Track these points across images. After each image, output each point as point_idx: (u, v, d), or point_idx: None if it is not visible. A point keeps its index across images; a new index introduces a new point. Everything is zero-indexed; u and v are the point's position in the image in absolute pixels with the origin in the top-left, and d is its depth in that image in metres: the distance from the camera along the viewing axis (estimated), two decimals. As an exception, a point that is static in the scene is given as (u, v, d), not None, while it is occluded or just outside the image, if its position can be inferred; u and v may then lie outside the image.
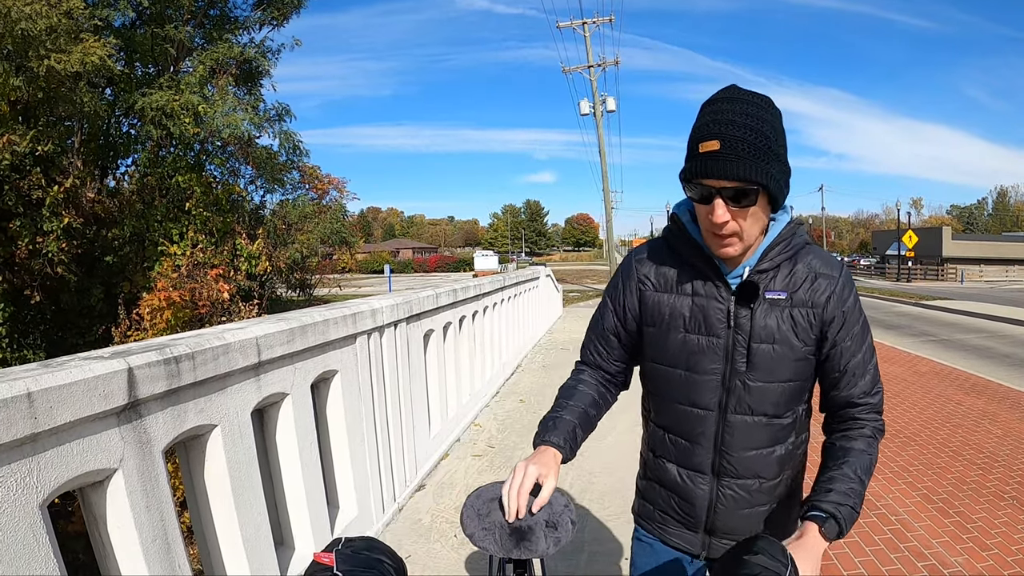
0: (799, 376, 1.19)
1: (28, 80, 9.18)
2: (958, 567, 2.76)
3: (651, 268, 1.26)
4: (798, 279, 1.16)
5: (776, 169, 1.05)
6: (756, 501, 1.25)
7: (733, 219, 1.05)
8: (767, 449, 1.22)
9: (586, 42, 24.01)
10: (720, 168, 1.01)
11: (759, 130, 1.02)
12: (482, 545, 1.44)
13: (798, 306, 1.15)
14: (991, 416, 5.29)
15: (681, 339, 1.21)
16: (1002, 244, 47.27)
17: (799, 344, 1.16)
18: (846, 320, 1.16)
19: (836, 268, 1.18)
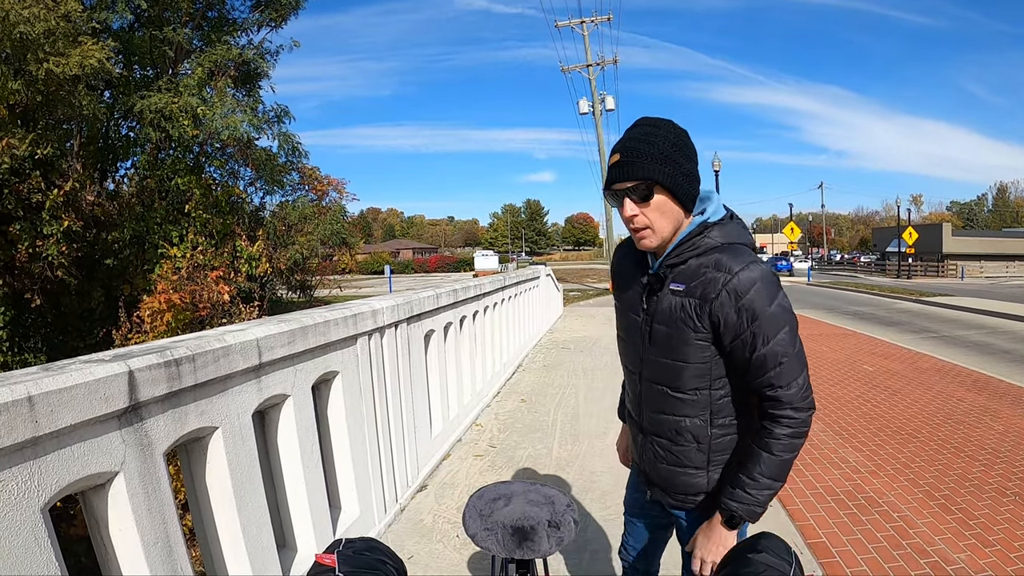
0: (695, 359, 1.35)
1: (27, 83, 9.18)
2: (960, 564, 2.76)
3: (619, 261, 1.57)
4: (698, 274, 1.32)
5: (670, 170, 1.28)
6: (672, 461, 1.47)
7: (641, 213, 1.30)
8: (675, 417, 1.43)
9: (585, 41, 24.00)
10: (622, 173, 1.29)
11: (652, 142, 1.28)
12: (485, 545, 1.44)
13: (691, 297, 1.32)
14: (992, 412, 5.28)
15: (623, 316, 1.52)
16: (1002, 240, 47.25)
17: (689, 330, 1.33)
18: (742, 314, 1.28)
19: (738, 266, 1.29)
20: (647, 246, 1.35)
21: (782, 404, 1.30)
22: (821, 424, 5.04)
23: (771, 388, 1.31)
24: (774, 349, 1.29)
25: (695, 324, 1.32)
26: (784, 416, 1.30)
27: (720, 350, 1.34)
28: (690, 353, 1.35)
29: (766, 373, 1.30)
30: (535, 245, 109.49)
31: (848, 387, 6.39)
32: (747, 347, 1.30)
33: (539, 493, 1.57)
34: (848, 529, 3.15)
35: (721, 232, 1.35)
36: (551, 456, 4.42)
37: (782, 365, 1.30)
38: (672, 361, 1.38)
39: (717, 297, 1.28)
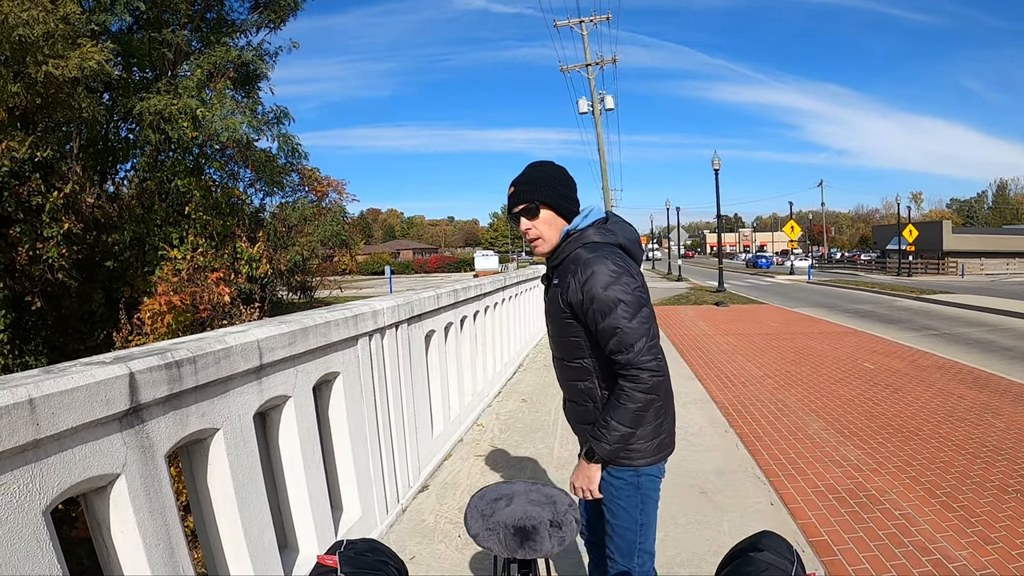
0: (570, 334, 1.75)
1: (26, 86, 9.18)
2: (962, 561, 2.76)
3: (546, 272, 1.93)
4: (564, 269, 1.73)
5: (548, 193, 1.73)
6: (580, 418, 1.84)
7: (533, 227, 1.75)
8: (572, 382, 1.82)
9: (584, 40, 23.99)
10: (517, 199, 1.74)
11: (535, 176, 1.76)
12: (487, 545, 1.44)
13: (558, 287, 1.74)
14: (994, 410, 5.28)
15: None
16: (1002, 237, 47.25)
17: (559, 312, 1.75)
18: (583, 299, 1.65)
19: (582, 261, 1.67)
20: (541, 252, 1.79)
21: (621, 365, 1.63)
22: (822, 422, 5.04)
23: (615, 353, 1.63)
24: (611, 323, 1.62)
25: (561, 307, 1.72)
26: (628, 373, 1.62)
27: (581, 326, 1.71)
28: (566, 329, 1.75)
29: (609, 341, 1.64)
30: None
31: (849, 385, 6.39)
32: (593, 322, 1.66)
33: (541, 493, 1.56)
34: (850, 527, 3.15)
35: (583, 236, 1.73)
36: (552, 456, 4.42)
37: (618, 333, 1.62)
38: (559, 337, 1.79)
39: (570, 286, 1.68)
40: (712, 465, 4.13)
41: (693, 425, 5.07)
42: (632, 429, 1.65)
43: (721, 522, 3.26)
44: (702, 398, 6.00)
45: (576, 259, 1.69)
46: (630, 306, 1.63)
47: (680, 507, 3.45)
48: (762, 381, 6.71)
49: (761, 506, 3.47)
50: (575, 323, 1.71)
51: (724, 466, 4.11)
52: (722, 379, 6.85)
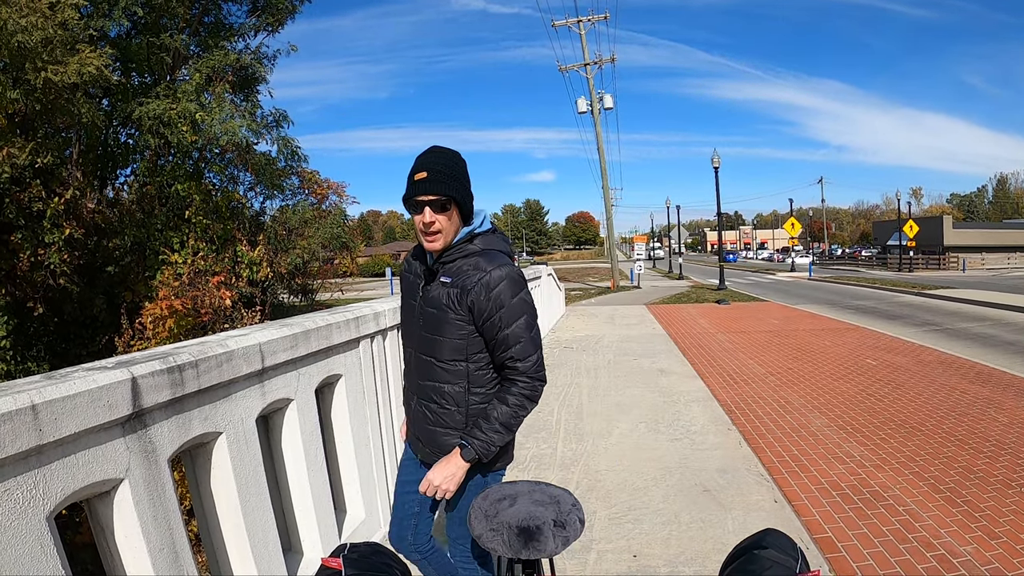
0: (456, 336, 1.70)
1: (26, 92, 9.19)
2: (967, 556, 2.75)
3: (408, 259, 1.93)
4: (462, 271, 1.69)
5: (461, 190, 1.67)
6: (436, 422, 1.79)
7: (437, 221, 1.65)
8: (439, 383, 1.76)
9: (582, 40, 23.99)
10: (429, 187, 1.62)
11: (449, 166, 1.67)
12: (490, 546, 1.44)
13: (455, 288, 1.68)
14: (996, 404, 5.27)
15: (405, 302, 1.90)
16: (1003, 231, 47.23)
17: (452, 313, 1.68)
18: (491, 304, 1.64)
19: (491, 267, 1.66)
20: (435, 248, 1.69)
21: (519, 372, 1.69)
22: (825, 419, 5.03)
23: (512, 360, 1.68)
24: (515, 331, 1.66)
25: (456, 309, 1.68)
26: (520, 381, 1.69)
27: (476, 330, 1.69)
28: (454, 331, 1.70)
29: (509, 349, 1.67)
30: (536, 245, 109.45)
31: (851, 381, 6.39)
32: (495, 328, 1.66)
33: (544, 493, 1.56)
34: (854, 523, 3.15)
35: (483, 241, 1.73)
36: (555, 455, 4.42)
37: (520, 343, 1.67)
38: (437, 337, 1.73)
39: (473, 289, 1.65)
40: (715, 463, 4.13)
41: (696, 424, 5.07)
42: (510, 435, 1.74)
43: (725, 520, 3.26)
44: (704, 396, 6.00)
45: (478, 264, 1.67)
46: (532, 318, 1.71)
47: (684, 505, 3.45)
48: (764, 379, 6.71)
49: (765, 504, 3.47)
50: (466, 326, 1.69)
51: (727, 464, 4.11)
52: (724, 377, 6.84)
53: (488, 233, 1.76)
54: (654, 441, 4.67)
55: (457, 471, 1.70)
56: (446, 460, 1.72)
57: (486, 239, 1.75)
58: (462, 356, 1.72)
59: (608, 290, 23.86)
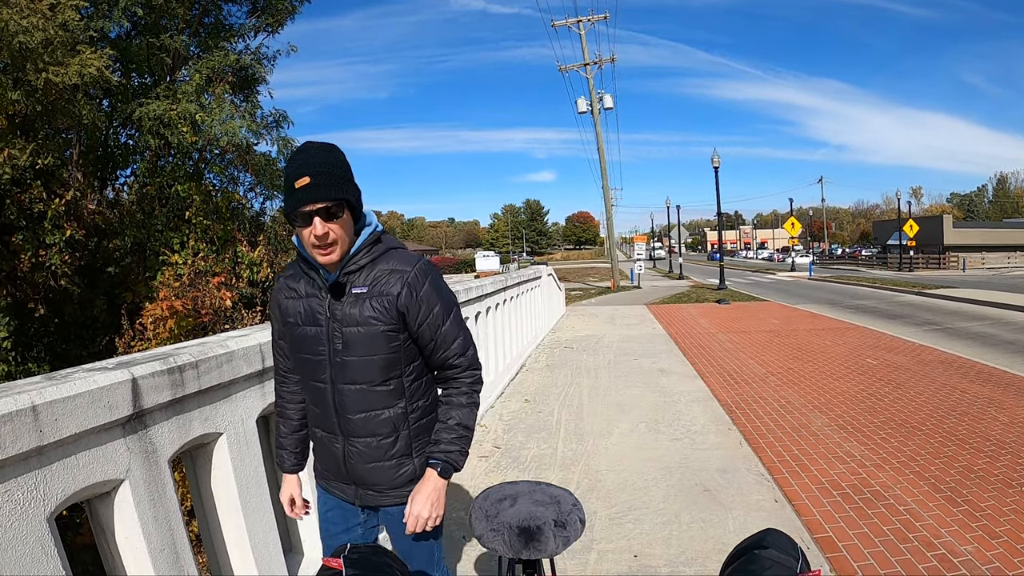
0: (389, 349, 1.51)
1: (26, 93, 9.20)
2: (967, 556, 2.75)
3: (286, 283, 1.63)
4: (378, 276, 1.50)
5: (353, 189, 1.47)
6: (377, 456, 1.57)
7: (333, 231, 1.42)
8: (375, 412, 1.55)
9: (581, 40, 24.00)
10: (317, 194, 1.38)
11: (335, 165, 1.44)
12: (491, 546, 1.44)
13: (376, 296, 1.49)
14: (997, 404, 5.27)
15: (300, 332, 1.57)
16: (1003, 231, 47.21)
17: (382, 325, 1.49)
18: (421, 304, 1.51)
19: (410, 265, 1.52)
20: (332, 260, 1.46)
21: (463, 368, 1.58)
22: (825, 419, 5.03)
23: (455, 357, 1.57)
24: (451, 327, 1.56)
25: (384, 318, 1.49)
26: (465, 377, 1.58)
27: (408, 337, 1.54)
28: (384, 346, 1.51)
29: (449, 347, 1.56)
30: (536, 245, 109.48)
31: (851, 381, 6.38)
32: (432, 328, 1.53)
33: (545, 493, 1.56)
34: (854, 523, 3.14)
35: (386, 239, 1.57)
36: (556, 456, 4.42)
37: (459, 338, 1.58)
38: (366, 357, 1.50)
39: (402, 292, 1.49)
40: (716, 463, 4.13)
41: (696, 423, 5.07)
42: (472, 433, 1.60)
43: (725, 520, 3.26)
44: (705, 396, 6.00)
45: (396, 265, 1.51)
46: (459, 313, 1.63)
47: (684, 505, 3.45)
48: (764, 378, 6.71)
49: (765, 503, 3.46)
50: (398, 335, 1.51)
51: (728, 464, 4.11)
52: (724, 377, 6.84)
53: (384, 231, 1.59)
54: (655, 441, 4.66)
55: (439, 493, 1.53)
56: (421, 487, 1.52)
57: (386, 237, 1.58)
58: (397, 371, 1.54)
59: (608, 290, 23.86)
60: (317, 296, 1.54)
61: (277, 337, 1.69)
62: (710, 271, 38.05)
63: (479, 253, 62.93)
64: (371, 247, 1.52)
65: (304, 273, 1.57)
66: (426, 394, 1.62)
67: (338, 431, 1.58)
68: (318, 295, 1.53)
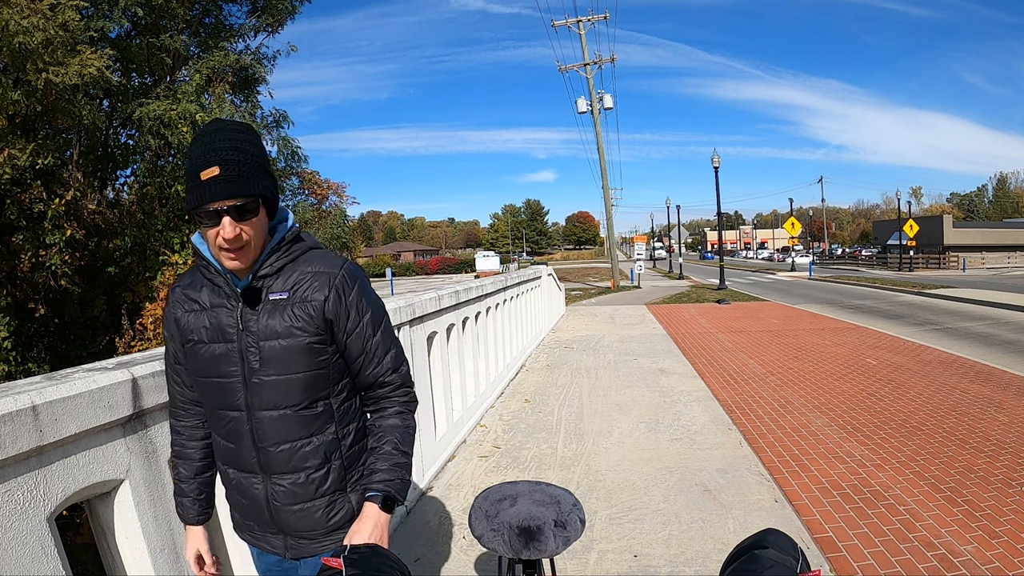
0: (314, 366, 1.29)
1: (27, 93, 9.21)
2: (968, 556, 2.75)
3: (185, 294, 1.35)
4: (299, 279, 1.29)
5: (267, 182, 1.23)
6: (307, 495, 1.32)
7: (245, 231, 1.20)
8: (303, 441, 1.30)
9: (581, 40, 24.00)
10: (224, 190, 1.15)
11: (249, 151, 1.20)
12: (491, 546, 1.44)
13: (299, 303, 1.27)
14: (997, 403, 5.27)
15: (207, 350, 1.30)
16: (1003, 231, 47.20)
17: (307, 337, 1.27)
18: (351, 311, 1.31)
19: (336, 266, 1.31)
20: (239, 267, 1.24)
21: (398, 385, 1.40)
22: (825, 419, 5.03)
23: (388, 373, 1.38)
24: (384, 337, 1.37)
25: (309, 328, 1.27)
26: (402, 393, 1.41)
27: (337, 350, 1.33)
28: (309, 362, 1.29)
29: (382, 360, 1.37)
30: (536, 245, 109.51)
31: (852, 381, 6.38)
32: (363, 338, 1.34)
33: (545, 493, 1.56)
34: (854, 523, 3.15)
35: (306, 238, 1.36)
36: (556, 456, 4.42)
37: (393, 349, 1.39)
38: (289, 375, 1.27)
39: (328, 297, 1.28)
40: (716, 463, 4.13)
41: (696, 423, 5.07)
42: (411, 456, 1.41)
43: (725, 520, 3.26)
44: (705, 396, 6.00)
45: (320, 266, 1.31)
46: (390, 319, 1.44)
47: (684, 505, 3.45)
48: (764, 378, 6.71)
49: (765, 503, 3.46)
50: (326, 348, 1.30)
51: (728, 464, 4.11)
52: (724, 377, 6.84)
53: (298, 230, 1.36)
54: (655, 441, 4.67)
55: (382, 530, 1.30)
56: (360, 525, 1.29)
57: (306, 234, 1.37)
58: (325, 390, 1.32)
59: (608, 290, 23.87)
60: (225, 306, 1.29)
61: (173, 361, 1.40)
62: (710, 271, 38.06)
63: (479, 253, 62.98)
64: (289, 246, 1.31)
65: (207, 280, 1.31)
66: (358, 416, 1.40)
67: (258, 469, 1.32)
68: (226, 305, 1.29)
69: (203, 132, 1.22)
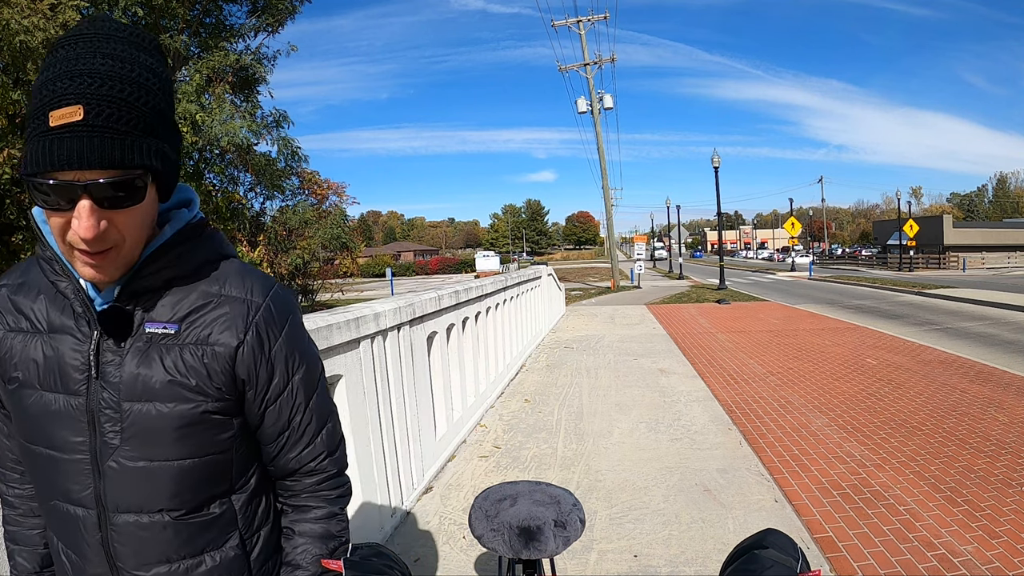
0: (210, 448, 0.83)
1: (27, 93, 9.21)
2: (968, 556, 2.75)
3: (11, 300, 0.85)
4: (198, 305, 0.82)
5: (164, 142, 0.75)
6: None
7: (110, 228, 0.71)
8: (188, 562, 0.84)
9: (581, 40, 24.01)
10: (88, 151, 0.66)
11: (143, 84, 0.71)
12: (491, 546, 1.44)
13: (194, 345, 0.81)
14: (997, 403, 5.27)
15: (37, 400, 0.81)
16: (1003, 231, 47.24)
17: (198, 401, 0.81)
18: (276, 368, 0.86)
19: (258, 293, 0.86)
20: (100, 278, 0.76)
21: (328, 474, 0.95)
22: (826, 419, 5.03)
23: (320, 458, 0.93)
24: (319, 406, 0.93)
25: (208, 389, 0.81)
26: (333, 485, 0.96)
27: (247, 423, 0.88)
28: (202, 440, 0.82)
29: (315, 438, 0.92)
30: (536, 245, 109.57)
31: (852, 381, 6.39)
32: (290, 408, 0.89)
33: (545, 493, 1.57)
34: (854, 523, 3.15)
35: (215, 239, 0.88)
36: (556, 456, 4.42)
37: (329, 423, 0.95)
38: (176, 461, 0.81)
39: (243, 342, 0.83)
40: (716, 463, 4.13)
41: (696, 423, 5.07)
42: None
43: (726, 520, 3.26)
44: (705, 396, 6.00)
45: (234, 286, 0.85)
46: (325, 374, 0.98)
47: (684, 505, 3.46)
48: (764, 378, 6.71)
49: (765, 503, 3.47)
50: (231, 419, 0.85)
51: (728, 464, 4.11)
52: (724, 377, 6.84)
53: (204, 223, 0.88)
54: (655, 441, 4.67)
55: None
56: None
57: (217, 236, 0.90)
58: (225, 485, 0.87)
59: (608, 290, 23.87)
60: (72, 333, 0.80)
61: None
62: (710, 271, 38.08)
63: (479, 253, 63.01)
64: (187, 248, 0.83)
65: (51, 283, 0.81)
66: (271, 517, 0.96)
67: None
68: (74, 331, 0.80)
69: (71, 38, 0.71)
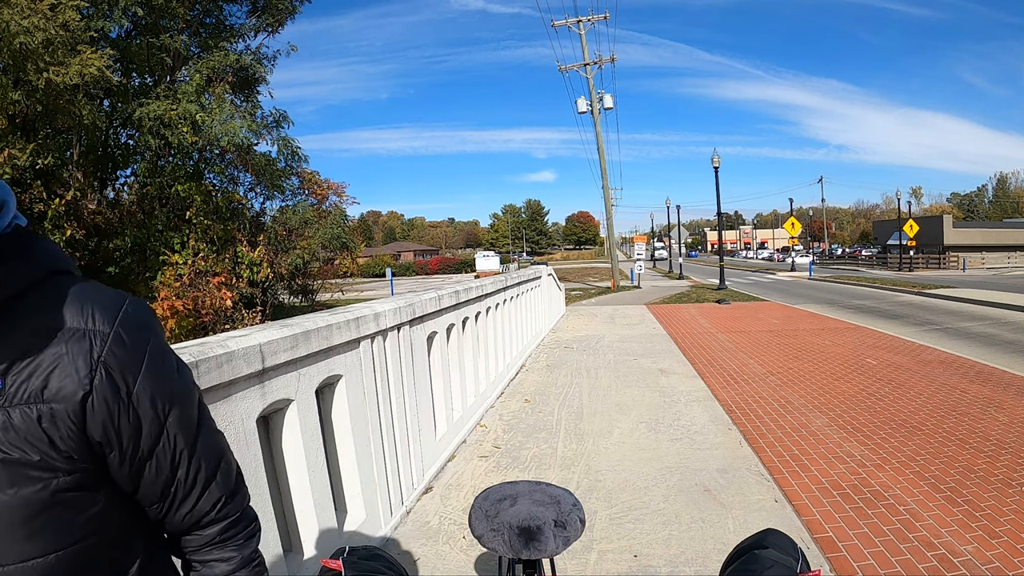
0: (75, 533, 0.66)
1: (27, 93, 9.23)
2: (968, 556, 2.75)
3: None
4: (24, 347, 0.64)
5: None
6: None
7: None
8: None
9: (581, 40, 24.01)
10: None
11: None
12: (491, 546, 1.44)
13: (28, 402, 0.63)
14: (997, 403, 5.27)
15: None
16: (1003, 231, 47.24)
17: (47, 475, 0.63)
18: (141, 414, 0.69)
19: (104, 316, 0.68)
20: None
21: (234, 519, 0.82)
22: (826, 419, 5.03)
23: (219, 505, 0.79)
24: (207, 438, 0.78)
25: (52, 458, 0.64)
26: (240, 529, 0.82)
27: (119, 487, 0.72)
28: (61, 526, 0.65)
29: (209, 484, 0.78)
30: (536, 245, 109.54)
31: (852, 381, 6.38)
32: (171, 459, 0.73)
33: (545, 493, 1.57)
34: (854, 523, 3.15)
35: (47, 249, 0.74)
36: (556, 456, 4.42)
37: (223, 456, 0.81)
38: (25, 563, 0.64)
39: (92, 385, 0.65)
40: (716, 463, 4.13)
41: (696, 423, 5.07)
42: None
43: (726, 520, 3.26)
44: (705, 396, 6.00)
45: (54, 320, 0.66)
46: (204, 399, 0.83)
47: (684, 505, 3.45)
48: (764, 378, 6.71)
49: (765, 503, 3.47)
50: (94, 493, 0.69)
51: (728, 464, 4.11)
52: (724, 377, 6.84)
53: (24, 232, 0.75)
54: (655, 441, 4.67)
55: None
56: None
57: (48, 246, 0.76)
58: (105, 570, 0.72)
59: (608, 290, 23.87)
60: None
61: None
62: (710, 271, 38.07)
63: (479, 253, 63.02)
64: (12, 266, 0.69)
65: None
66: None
67: None
68: None
69: None
